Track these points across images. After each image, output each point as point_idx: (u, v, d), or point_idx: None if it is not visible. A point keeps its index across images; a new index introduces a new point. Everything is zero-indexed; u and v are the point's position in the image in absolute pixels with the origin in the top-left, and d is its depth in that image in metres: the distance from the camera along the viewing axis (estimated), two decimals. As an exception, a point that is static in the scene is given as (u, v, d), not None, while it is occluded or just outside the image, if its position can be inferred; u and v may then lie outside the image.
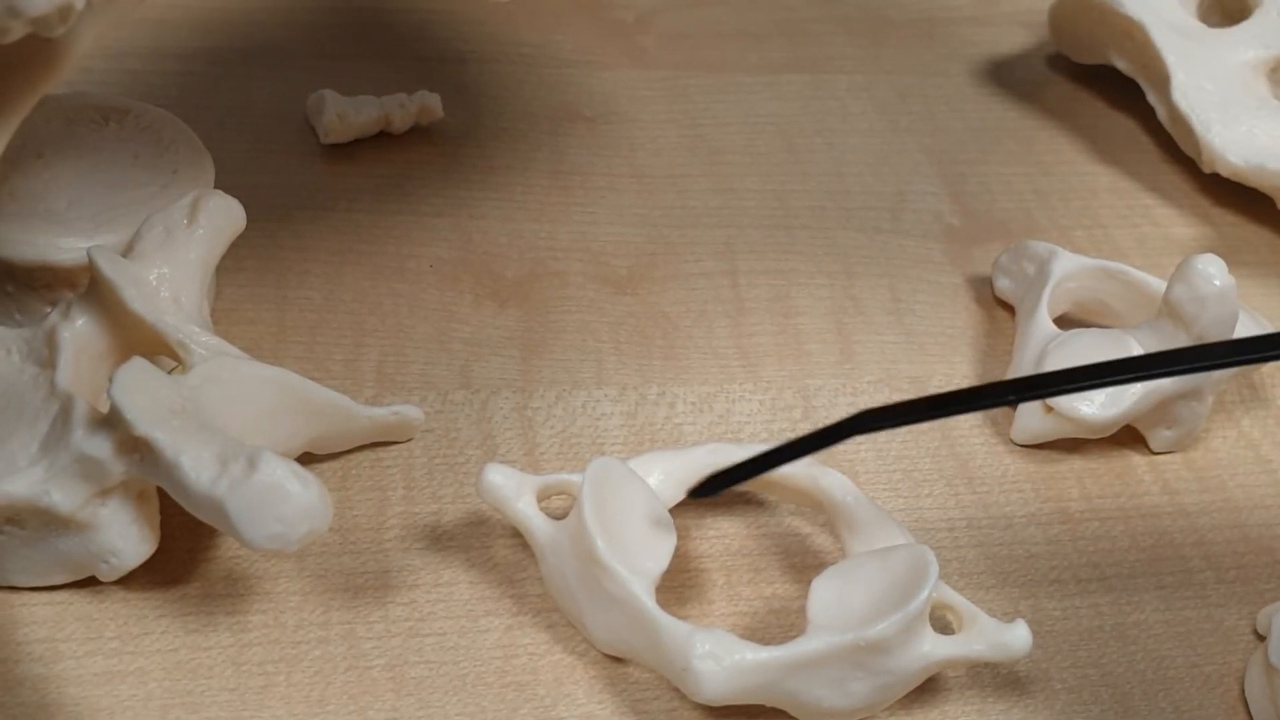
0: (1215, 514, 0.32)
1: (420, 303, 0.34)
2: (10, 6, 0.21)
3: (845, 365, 0.34)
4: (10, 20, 0.21)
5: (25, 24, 0.21)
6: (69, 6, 0.21)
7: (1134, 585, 0.30)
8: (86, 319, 0.28)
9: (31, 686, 0.26)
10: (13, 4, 0.21)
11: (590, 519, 0.26)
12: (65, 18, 0.22)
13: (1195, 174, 0.41)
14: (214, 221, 0.29)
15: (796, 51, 0.44)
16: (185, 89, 0.39)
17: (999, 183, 0.40)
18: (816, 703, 0.26)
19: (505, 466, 0.28)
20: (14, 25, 0.21)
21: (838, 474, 0.29)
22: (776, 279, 0.36)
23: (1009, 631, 0.26)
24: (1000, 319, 0.36)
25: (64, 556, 0.27)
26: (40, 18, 0.21)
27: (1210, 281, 0.31)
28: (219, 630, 0.27)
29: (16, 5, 0.21)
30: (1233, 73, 0.40)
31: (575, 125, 0.40)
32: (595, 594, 0.26)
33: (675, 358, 0.34)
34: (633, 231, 0.37)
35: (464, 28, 0.43)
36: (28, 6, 0.21)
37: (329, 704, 0.26)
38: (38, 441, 0.26)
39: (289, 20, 0.42)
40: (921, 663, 0.26)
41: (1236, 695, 0.28)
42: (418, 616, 0.28)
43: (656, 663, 0.26)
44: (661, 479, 0.29)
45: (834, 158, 0.40)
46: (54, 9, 0.21)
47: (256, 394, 0.28)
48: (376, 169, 0.38)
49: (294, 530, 0.25)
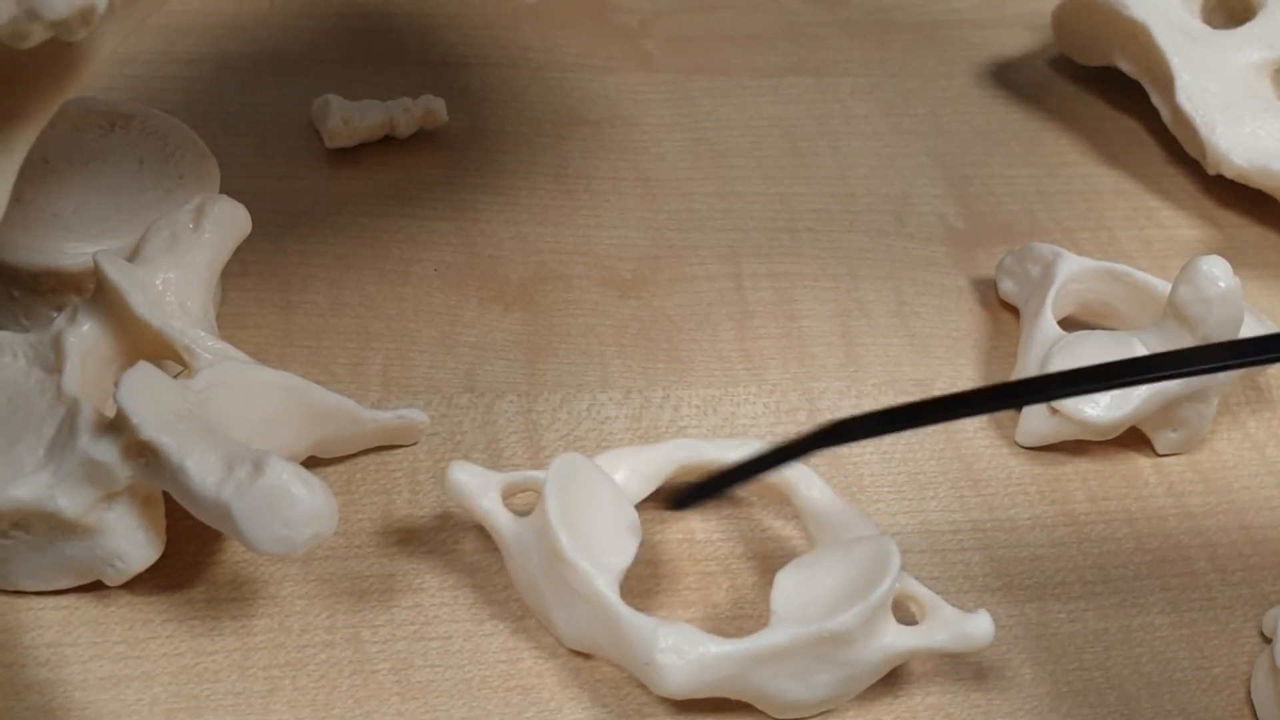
0: (1221, 516, 0.32)
1: (425, 306, 0.34)
2: (31, 10, 0.21)
3: (850, 368, 0.34)
4: (30, 24, 0.21)
5: (45, 28, 0.21)
6: (90, 9, 0.21)
7: (1139, 588, 0.30)
8: (92, 324, 0.28)
9: (38, 691, 0.26)
10: (33, 7, 0.21)
11: (554, 515, 0.26)
12: (86, 21, 0.22)
13: (1200, 175, 0.41)
14: (219, 226, 0.29)
15: (800, 54, 0.44)
16: (190, 94, 0.39)
17: (1003, 185, 0.40)
18: (781, 695, 0.26)
19: (470, 464, 0.28)
20: (34, 29, 0.21)
21: (803, 468, 0.29)
22: (781, 282, 0.36)
23: (970, 621, 0.27)
24: (1005, 321, 0.36)
25: (70, 561, 0.27)
26: (61, 21, 0.21)
27: (1215, 283, 0.31)
28: (225, 634, 0.27)
29: (37, 8, 0.21)
30: (1237, 74, 0.40)
31: (579, 129, 0.40)
32: (560, 590, 0.26)
33: (680, 361, 0.34)
34: (637, 235, 0.37)
35: (468, 32, 0.43)
36: (48, 10, 0.21)
37: (334, 708, 0.26)
38: (44, 446, 0.26)
39: (294, 25, 0.43)
40: (884, 654, 0.26)
41: (1243, 698, 0.28)
42: (423, 620, 0.28)
43: (621, 658, 0.26)
44: (627, 475, 0.29)
45: (838, 160, 0.40)
46: (75, 12, 0.21)
47: (262, 398, 0.28)
48: (381, 173, 0.38)
49: (299, 534, 0.25)
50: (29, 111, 0.24)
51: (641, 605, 0.28)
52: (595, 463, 0.28)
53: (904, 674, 0.28)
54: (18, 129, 0.24)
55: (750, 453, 0.26)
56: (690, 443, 0.29)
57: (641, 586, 0.29)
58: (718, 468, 0.27)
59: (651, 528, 0.30)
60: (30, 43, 0.22)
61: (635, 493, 0.29)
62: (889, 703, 0.27)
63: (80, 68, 0.24)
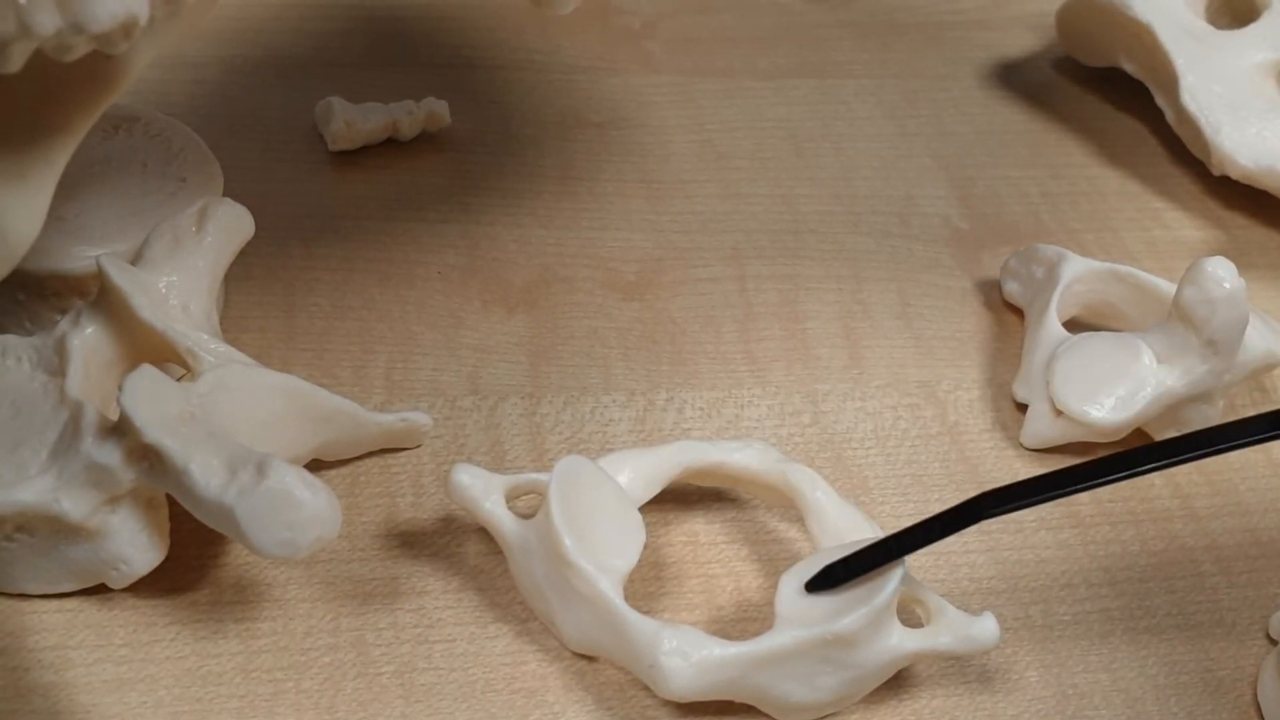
0: (1226, 518, 0.32)
1: (428, 309, 0.34)
2: (75, 23, 0.21)
3: (853, 370, 0.34)
4: (74, 37, 0.21)
5: (89, 40, 0.21)
6: (133, 22, 0.21)
7: (1145, 589, 0.30)
8: (96, 327, 0.28)
9: (42, 694, 0.26)
10: (78, 20, 0.21)
11: (558, 517, 0.26)
12: (129, 34, 0.22)
13: (1205, 176, 0.41)
14: (222, 229, 0.29)
15: (804, 56, 0.44)
16: (194, 97, 0.39)
17: (1007, 186, 0.40)
18: (785, 697, 0.26)
19: (473, 466, 0.28)
20: (78, 42, 0.21)
21: (808, 470, 0.29)
22: (784, 284, 0.36)
23: (976, 624, 0.26)
24: (1009, 323, 0.36)
25: (74, 564, 0.27)
26: (104, 34, 0.21)
27: (1220, 284, 0.30)
28: (228, 637, 0.27)
29: (81, 21, 0.21)
30: (1242, 75, 0.39)
31: (583, 131, 0.40)
32: (564, 592, 0.26)
33: (683, 363, 0.34)
34: (640, 237, 0.37)
35: (471, 35, 0.43)
36: (92, 23, 0.21)
37: (338, 711, 0.26)
38: (48, 449, 0.26)
39: (297, 28, 0.43)
40: (889, 656, 0.26)
41: (1249, 700, 0.28)
42: (427, 623, 0.28)
43: (625, 660, 0.26)
44: (631, 477, 0.29)
45: (842, 162, 0.40)
46: (118, 25, 0.21)
47: (265, 401, 0.28)
48: (384, 176, 0.38)
49: (303, 537, 0.25)
50: (69, 123, 0.24)
51: (645, 608, 0.28)
52: (599, 465, 0.28)
53: (909, 676, 0.28)
54: (58, 140, 0.24)
55: (886, 535, 0.26)
56: (694, 445, 0.29)
57: (645, 589, 0.29)
58: (851, 549, 0.27)
59: (655, 530, 0.30)
60: (73, 55, 0.22)
61: (639, 495, 0.29)
62: (894, 705, 0.27)
63: (120, 80, 0.24)
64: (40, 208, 0.24)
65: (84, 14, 0.21)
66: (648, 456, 0.29)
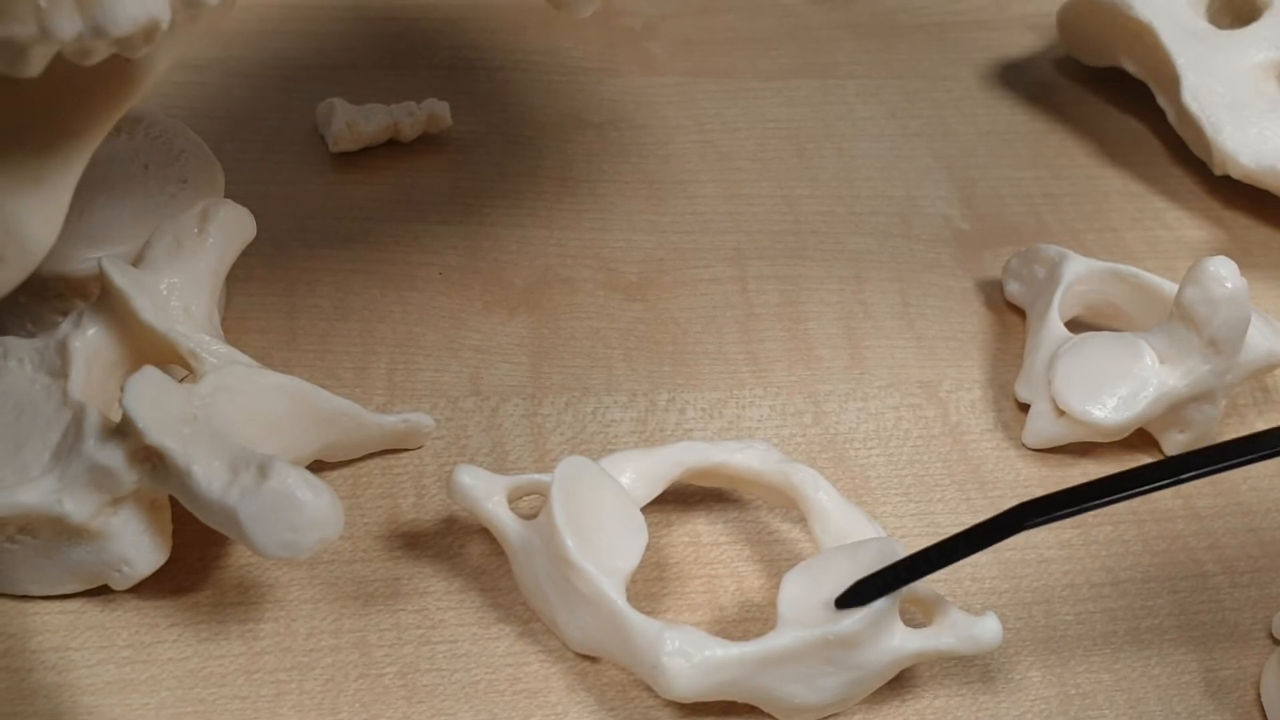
0: (1229, 518, 0.32)
1: (430, 310, 0.34)
2: (96, 27, 0.21)
3: (855, 370, 0.34)
4: (95, 40, 0.21)
5: (110, 44, 0.21)
6: (154, 26, 0.21)
7: (1148, 590, 0.30)
8: (98, 329, 0.28)
9: (44, 695, 0.26)
10: (98, 24, 0.21)
11: (560, 518, 0.26)
12: (150, 38, 0.22)
13: (1206, 176, 0.41)
14: (224, 231, 0.30)
15: (805, 56, 0.44)
16: (195, 98, 0.40)
17: (1009, 186, 0.40)
18: (788, 698, 0.26)
19: (475, 467, 0.28)
20: (99, 46, 0.21)
21: (809, 470, 0.29)
22: (786, 284, 0.36)
23: (978, 624, 0.26)
24: (1011, 323, 0.36)
25: (76, 565, 0.27)
26: (125, 38, 0.21)
27: (1222, 284, 0.30)
28: (231, 639, 0.27)
29: (102, 25, 0.21)
30: (1243, 75, 0.39)
31: (584, 132, 0.40)
32: (566, 593, 0.26)
33: (685, 364, 0.34)
34: (642, 238, 0.37)
35: (473, 36, 0.43)
36: (113, 27, 0.21)
37: (341, 712, 0.26)
38: (50, 451, 0.26)
39: (299, 30, 0.43)
40: (891, 656, 0.26)
41: (1252, 700, 0.28)
42: (429, 624, 0.28)
43: (628, 661, 0.26)
44: (633, 478, 0.29)
45: (843, 163, 0.40)
46: (139, 29, 0.21)
47: (267, 402, 0.28)
48: (386, 177, 0.38)
49: (305, 538, 0.25)
50: (87, 128, 0.24)
51: (648, 608, 0.28)
52: (601, 466, 0.28)
53: (911, 677, 0.28)
54: (76, 145, 0.24)
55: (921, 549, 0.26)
56: (696, 445, 0.29)
57: (648, 590, 0.29)
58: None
59: (657, 531, 0.30)
60: (94, 59, 0.22)
61: (641, 496, 0.29)
62: (896, 705, 0.27)
63: (139, 84, 0.24)
64: (58, 213, 0.24)
65: (105, 17, 0.21)
66: (650, 457, 0.29)
